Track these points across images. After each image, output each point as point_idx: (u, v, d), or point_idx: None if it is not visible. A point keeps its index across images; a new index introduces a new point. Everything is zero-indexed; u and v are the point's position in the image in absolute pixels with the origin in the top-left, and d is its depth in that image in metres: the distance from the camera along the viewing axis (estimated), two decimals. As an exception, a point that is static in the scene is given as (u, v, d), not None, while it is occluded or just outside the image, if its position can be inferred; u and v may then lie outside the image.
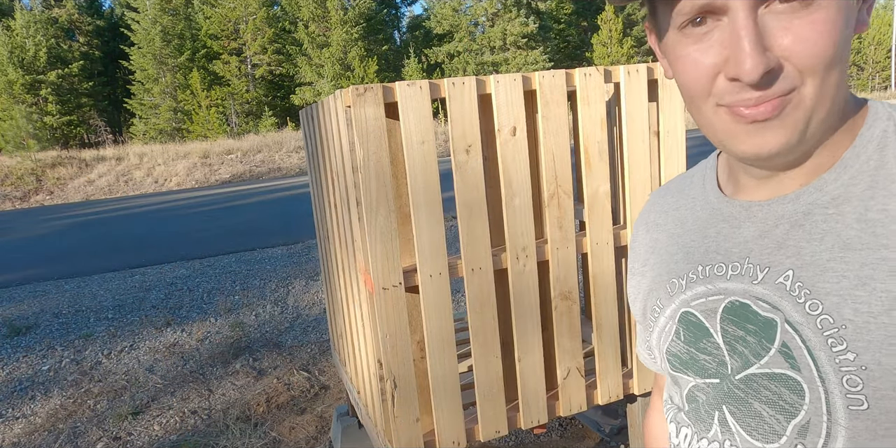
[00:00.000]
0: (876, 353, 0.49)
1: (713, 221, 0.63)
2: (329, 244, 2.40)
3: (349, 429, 2.62)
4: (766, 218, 0.58)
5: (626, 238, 1.99)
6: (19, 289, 5.99)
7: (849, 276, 0.51)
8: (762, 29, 0.48)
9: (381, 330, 1.69)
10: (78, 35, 31.75)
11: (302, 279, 5.49)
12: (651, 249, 0.72)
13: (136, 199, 14.29)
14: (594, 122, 1.86)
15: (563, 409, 1.96)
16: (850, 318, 0.50)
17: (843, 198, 0.53)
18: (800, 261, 0.54)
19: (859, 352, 0.49)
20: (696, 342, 0.62)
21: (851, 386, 0.50)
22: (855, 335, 0.50)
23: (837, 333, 0.51)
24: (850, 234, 0.52)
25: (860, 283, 0.50)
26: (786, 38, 0.48)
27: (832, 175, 0.54)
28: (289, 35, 28.81)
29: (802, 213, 0.55)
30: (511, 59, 28.87)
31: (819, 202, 0.54)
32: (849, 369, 0.50)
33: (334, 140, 1.90)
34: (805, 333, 0.53)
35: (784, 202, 0.56)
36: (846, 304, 0.50)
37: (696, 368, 0.63)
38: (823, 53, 0.48)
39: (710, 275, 0.61)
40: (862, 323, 0.49)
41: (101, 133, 28.68)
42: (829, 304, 0.51)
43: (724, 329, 0.59)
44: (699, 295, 0.62)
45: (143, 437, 2.99)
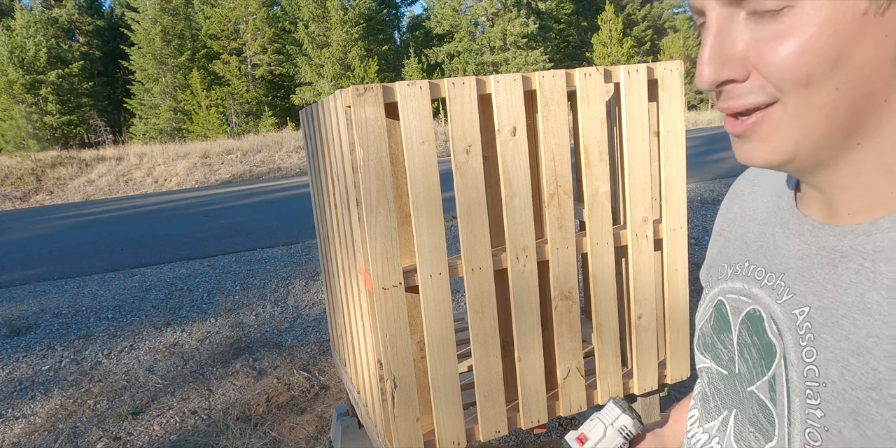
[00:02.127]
0: (840, 422, 0.47)
1: (772, 223, 0.59)
2: (329, 244, 2.40)
3: (349, 429, 2.62)
4: (811, 241, 0.53)
5: (625, 238, 1.99)
6: (19, 289, 5.99)
7: (851, 339, 0.47)
8: (737, 35, 0.45)
9: (381, 330, 1.69)
10: (78, 35, 31.75)
11: (302, 279, 5.49)
12: (727, 221, 0.69)
13: (136, 199, 14.29)
14: (594, 122, 1.86)
15: (563, 409, 1.96)
16: (833, 379, 0.48)
17: (885, 254, 0.46)
18: (819, 302, 0.50)
19: (828, 413, 0.48)
20: (719, 333, 0.62)
21: (812, 439, 0.49)
22: (831, 396, 0.48)
23: (816, 388, 0.49)
24: (873, 299, 0.46)
25: (857, 351, 0.47)
26: (753, 47, 0.44)
27: (888, 223, 0.47)
28: (289, 35, 28.82)
29: (841, 254, 0.50)
30: (511, 59, 28.87)
31: (861, 249, 0.48)
32: (813, 424, 0.49)
33: (334, 140, 1.90)
34: (791, 375, 0.51)
35: (831, 234, 0.51)
36: (836, 365, 0.48)
37: (714, 355, 0.63)
38: (790, 74, 0.43)
39: (750, 275, 0.59)
40: (840, 388, 0.47)
41: (101, 133, 28.68)
42: (822, 359, 0.49)
43: (741, 331, 0.59)
44: (735, 290, 0.61)
45: (143, 437, 2.99)
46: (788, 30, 0.42)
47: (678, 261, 2.08)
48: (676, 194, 2.03)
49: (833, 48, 0.42)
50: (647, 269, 2.01)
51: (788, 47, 0.42)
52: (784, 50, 0.43)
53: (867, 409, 0.45)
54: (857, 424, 0.45)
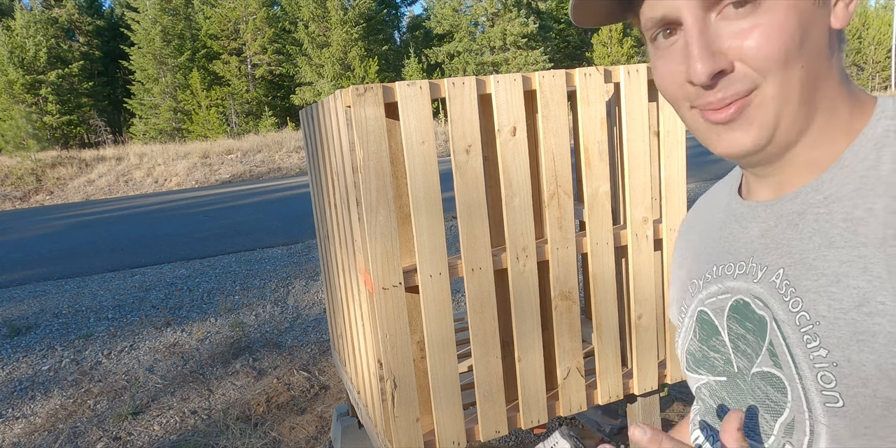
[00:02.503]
0: (845, 350, 0.49)
1: (728, 222, 0.64)
2: (329, 244, 2.40)
3: (349, 429, 2.62)
4: (768, 218, 0.59)
5: (625, 238, 1.99)
6: (19, 289, 5.99)
7: (827, 273, 0.52)
8: (716, 33, 0.51)
9: (381, 330, 1.69)
10: (78, 35, 31.74)
11: (302, 279, 5.49)
12: (686, 252, 0.73)
13: (136, 199, 14.29)
14: (594, 122, 1.86)
15: (563, 409, 1.96)
16: (823, 314, 0.51)
17: (834, 197, 0.53)
18: (790, 259, 0.55)
19: (830, 348, 0.50)
20: (708, 340, 0.64)
21: (825, 383, 0.51)
22: (827, 331, 0.50)
23: (812, 330, 0.52)
24: (835, 233, 0.52)
25: (835, 279, 0.51)
26: (735, 41, 0.51)
27: (829, 174, 0.54)
28: (289, 35, 28.81)
29: (797, 212, 0.56)
30: (511, 59, 28.87)
31: (813, 202, 0.55)
32: (822, 366, 0.51)
33: (334, 140, 1.90)
34: (786, 331, 0.54)
35: (784, 202, 0.57)
36: (822, 300, 0.51)
37: (708, 366, 0.64)
38: (774, 54, 0.50)
39: (721, 274, 0.63)
40: (833, 319, 0.50)
41: (101, 133, 28.67)
42: (808, 301, 0.52)
43: (730, 327, 0.61)
44: (712, 294, 0.64)
45: (143, 437, 2.99)
46: (762, 19, 0.49)
47: (678, 261, 2.08)
48: (676, 194, 2.03)
49: (800, 29, 0.50)
50: (647, 269, 2.01)
51: (768, 32, 0.49)
52: (765, 35, 0.49)
53: (864, 326, 0.48)
54: (862, 344, 0.48)
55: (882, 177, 0.51)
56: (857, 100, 0.56)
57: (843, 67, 0.55)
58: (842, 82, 0.55)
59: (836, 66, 0.54)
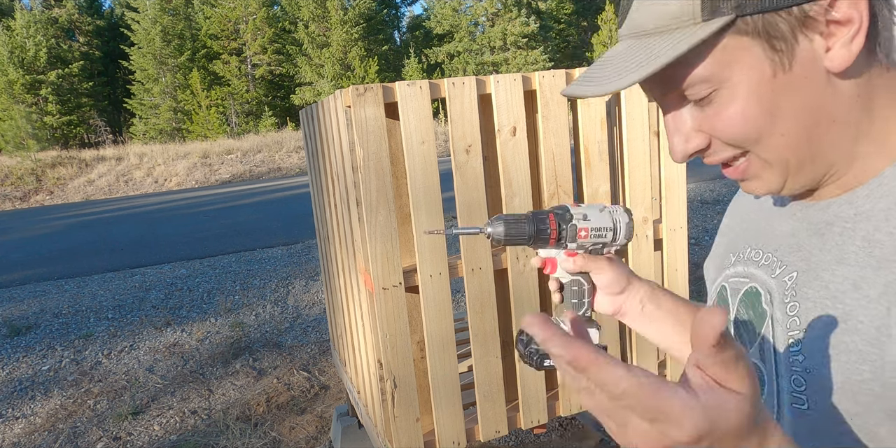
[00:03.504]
0: (819, 360, 0.52)
1: (772, 210, 0.66)
2: (329, 244, 2.40)
3: (349, 429, 2.62)
4: (800, 218, 0.60)
5: (626, 238, 1.98)
6: (19, 289, 5.99)
7: (830, 287, 0.53)
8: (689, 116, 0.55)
9: (381, 330, 1.69)
10: (78, 35, 31.75)
11: (302, 279, 5.49)
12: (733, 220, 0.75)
13: (136, 199, 14.29)
14: (594, 122, 1.86)
15: (563, 409, 1.96)
16: (811, 324, 0.53)
17: (864, 215, 0.54)
18: (805, 266, 0.57)
19: (807, 355, 0.53)
20: None
21: (797, 385, 0.54)
22: (810, 340, 0.53)
23: (797, 336, 0.55)
24: (851, 250, 0.53)
25: (833, 295, 0.52)
26: (705, 125, 0.54)
27: (865, 190, 0.54)
28: (289, 35, 28.81)
29: (826, 222, 0.56)
30: (511, 59, 28.87)
31: (843, 215, 0.55)
32: (797, 370, 0.54)
33: (334, 140, 1.90)
34: (777, 330, 0.57)
35: (817, 208, 0.58)
36: (815, 311, 0.54)
37: None
38: (741, 137, 0.53)
39: (748, 258, 0.66)
40: (818, 329, 0.53)
41: (101, 133, 28.67)
42: (803, 309, 0.55)
43: (738, 309, 0.64)
44: (736, 274, 0.67)
45: (143, 437, 2.99)
46: (726, 105, 0.52)
47: (678, 261, 2.08)
48: (676, 194, 2.03)
49: (763, 109, 0.51)
50: (647, 269, 2.01)
51: (733, 117, 0.52)
52: (730, 120, 0.52)
53: (839, 341, 0.50)
54: (835, 356, 0.50)
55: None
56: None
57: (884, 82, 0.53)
58: (874, 103, 0.53)
59: (861, 95, 0.52)
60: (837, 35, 0.49)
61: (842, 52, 0.50)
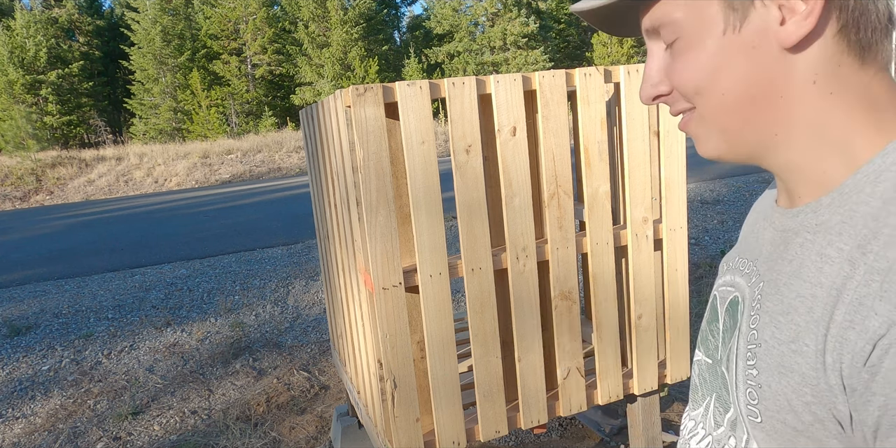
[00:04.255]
0: (769, 376, 0.53)
1: (760, 218, 0.67)
2: (329, 244, 2.40)
3: (349, 429, 2.62)
4: (776, 226, 0.60)
5: (625, 238, 1.99)
6: (19, 289, 5.99)
7: (785, 301, 0.53)
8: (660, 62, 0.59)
9: (381, 330, 1.69)
10: (78, 35, 31.74)
11: (302, 279, 5.49)
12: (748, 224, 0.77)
13: (136, 199, 14.29)
14: (594, 122, 1.86)
15: (563, 409, 1.96)
16: (765, 338, 0.54)
17: (822, 227, 0.53)
18: (770, 276, 0.57)
19: (761, 370, 0.54)
20: (710, 324, 0.69)
21: (751, 398, 0.55)
22: (763, 354, 0.54)
23: (754, 349, 0.55)
24: (807, 264, 0.53)
25: (786, 311, 0.53)
26: (667, 70, 0.58)
27: (828, 199, 0.53)
28: (289, 35, 28.80)
29: (793, 231, 0.57)
30: (511, 59, 28.86)
31: (806, 225, 0.55)
32: (751, 383, 0.55)
33: (334, 140, 1.90)
34: (740, 342, 0.58)
35: (788, 216, 0.58)
36: (769, 325, 0.54)
37: (705, 346, 0.69)
38: (683, 86, 0.56)
39: (736, 266, 0.66)
40: (770, 346, 0.53)
41: (101, 133, 28.66)
42: (762, 323, 0.55)
43: (725, 319, 0.65)
44: (726, 282, 0.68)
45: (143, 437, 2.99)
46: (680, 53, 0.55)
47: (678, 261, 2.08)
48: (676, 194, 2.03)
49: (709, 63, 0.54)
50: (647, 269, 2.01)
51: (682, 66, 0.55)
52: (680, 68, 0.56)
53: (788, 360, 0.51)
54: (782, 376, 0.52)
55: (864, 218, 0.49)
56: (879, 122, 0.52)
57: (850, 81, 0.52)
58: (835, 97, 0.52)
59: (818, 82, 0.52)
60: (794, 11, 0.50)
61: (791, 28, 0.50)
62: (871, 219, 0.48)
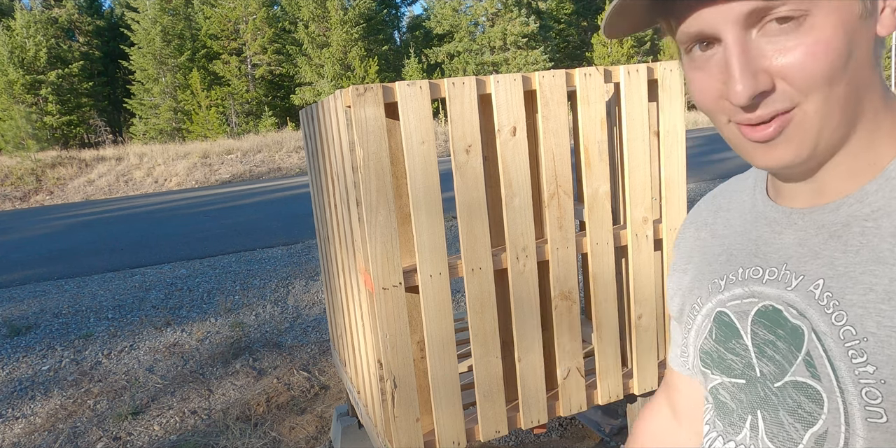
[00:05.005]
0: (893, 368, 0.49)
1: (757, 225, 0.63)
2: (329, 244, 2.40)
3: (349, 429, 2.62)
4: (806, 226, 0.57)
5: (625, 238, 1.99)
6: (19, 289, 5.99)
7: (877, 289, 0.50)
8: (757, 51, 0.50)
9: (381, 330, 1.69)
10: (78, 35, 31.73)
11: (302, 279, 5.49)
12: (696, 248, 0.72)
13: (136, 199, 14.29)
14: (594, 122, 1.86)
15: (563, 409, 1.96)
16: (872, 331, 0.50)
17: (883, 211, 0.52)
18: (832, 271, 0.54)
19: (879, 365, 0.50)
20: (726, 342, 0.64)
21: (871, 398, 0.50)
22: (876, 348, 0.50)
23: (858, 345, 0.51)
24: (884, 248, 0.51)
25: (887, 297, 0.50)
26: (778, 59, 0.49)
27: (874, 186, 0.53)
28: (289, 35, 28.80)
29: (841, 223, 0.54)
30: (511, 59, 28.86)
31: (859, 214, 0.53)
32: (868, 382, 0.50)
33: (334, 140, 1.90)
34: (827, 343, 0.53)
35: (825, 212, 0.56)
36: (870, 316, 0.50)
37: (723, 367, 0.64)
38: (818, 74, 0.48)
39: (748, 277, 0.62)
40: (884, 336, 0.49)
41: (101, 133, 28.66)
42: (854, 316, 0.51)
43: (755, 331, 0.60)
44: (735, 296, 0.63)
45: (143, 437, 2.99)
46: (808, 37, 0.48)
47: (678, 261, 2.07)
48: (676, 194, 2.03)
49: (846, 46, 0.48)
50: (647, 269, 2.01)
51: (814, 51, 0.48)
52: (810, 54, 0.48)
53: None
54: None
55: None
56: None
57: (881, 74, 0.53)
58: (883, 90, 0.54)
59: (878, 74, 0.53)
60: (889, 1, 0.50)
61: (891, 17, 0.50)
62: None
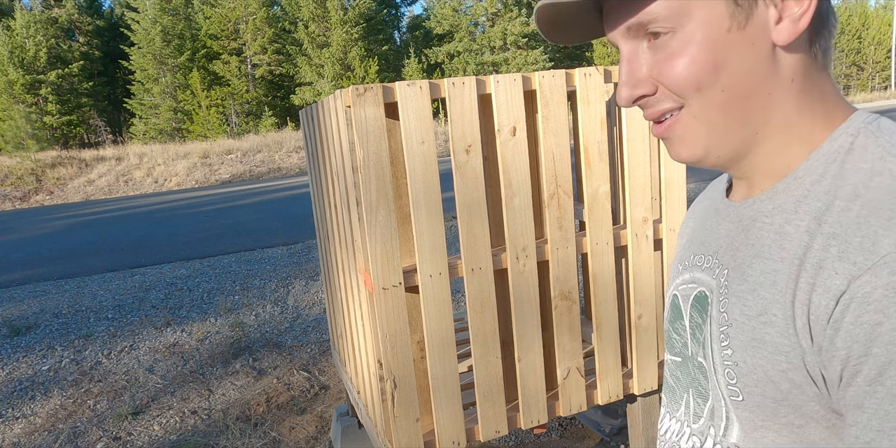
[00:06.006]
0: (743, 353, 0.55)
1: (711, 215, 0.69)
2: (329, 244, 2.40)
3: (349, 429, 2.62)
4: (734, 219, 0.63)
5: (625, 238, 1.99)
6: (19, 289, 5.99)
7: (749, 280, 0.56)
8: (643, 60, 0.57)
9: (381, 330, 1.69)
10: (78, 35, 31.73)
11: (302, 279, 5.49)
12: (680, 242, 0.79)
13: (136, 199, 14.29)
14: (594, 122, 1.86)
15: (563, 409, 1.96)
16: (736, 317, 0.57)
17: (780, 208, 0.56)
18: (734, 262, 0.60)
19: (735, 348, 0.56)
20: (674, 322, 0.70)
21: (730, 378, 0.57)
22: (735, 333, 0.56)
23: (726, 330, 0.58)
24: (766, 243, 0.56)
25: (753, 288, 0.55)
26: (653, 68, 0.57)
27: (783, 185, 0.57)
28: (289, 35, 28.80)
29: (751, 218, 0.60)
30: (511, 59, 28.86)
31: (763, 210, 0.58)
32: (728, 363, 0.57)
33: (334, 140, 1.90)
34: (713, 327, 0.60)
35: (744, 206, 0.61)
36: (738, 305, 0.57)
37: (670, 345, 0.71)
38: (684, 82, 0.55)
39: (694, 264, 0.68)
40: (742, 323, 0.56)
41: (100, 133, 28.66)
42: (731, 304, 0.58)
43: (692, 315, 0.66)
44: (685, 281, 0.69)
45: (143, 437, 2.99)
46: (678, 49, 0.54)
47: (678, 261, 2.08)
48: (676, 194, 2.03)
49: (712, 58, 0.54)
50: (647, 269, 2.01)
51: (681, 62, 0.54)
52: (678, 65, 0.54)
53: (759, 333, 0.54)
54: (756, 349, 0.54)
55: (818, 194, 0.53)
56: (827, 112, 0.57)
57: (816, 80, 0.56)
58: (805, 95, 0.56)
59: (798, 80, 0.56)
60: (789, 9, 0.53)
61: (789, 26, 0.53)
62: (823, 194, 0.53)
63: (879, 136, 0.54)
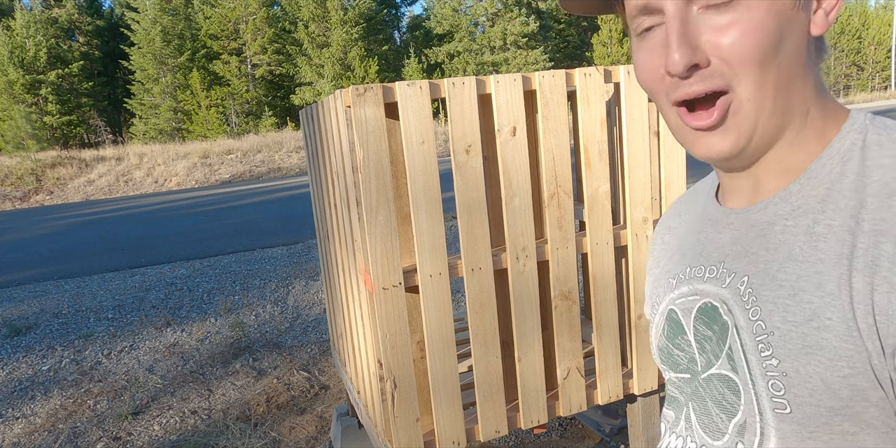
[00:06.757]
0: (794, 361, 0.52)
1: (704, 226, 0.66)
2: (329, 244, 2.40)
3: (349, 429, 2.62)
4: (739, 225, 0.60)
5: (626, 238, 1.99)
6: (19, 289, 5.99)
7: (786, 285, 0.53)
8: (695, 28, 0.52)
9: (381, 330, 1.69)
10: (78, 35, 31.73)
11: (302, 279, 5.49)
12: (662, 251, 0.75)
13: (136, 199, 14.29)
14: (594, 122, 1.86)
15: (563, 409, 1.96)
16: (777, 325, 0.53)
17: (801, 209, 0.55)
18: (755, 268, 0.57)
19: (781, 358, 0.53)
20: (674, 338, 0.67)
21: (776, 390, 0.54)
22: (779, 342, 0.53)
23: (766, 339, 0.54)
24: (797, 246, 0.54)
25: (792, 293, 0.53)
26: (713, 35, 0.51)
27: (797, 186, 0.56)
28: (289, 35, 28.80)
29: (767, 222, 0.57)
30: (511, 59, 28.86)
31: (781, 213, 0.56)
32: (773, 374, 0.53)
33: (334, 140, 1.90)
34: (744, 337, 0.56)
35: (755, 211, 0.59)
36: (777, 311, 0.53)
37: (671, 363, 0.68)
38: (750, 52, 0.51)
39: (692, 276, 0.65)
40: (786, 331, 0.52)
41: (100, 133, 28.67)
42: (765, 311, 0.54)
43: (696, 328, 0.63)
44: (683, 294, 0.66)
45: (143, 437, 2.99)
46: (742, 16, 0.50)
47: (678, 261, 2.07)
48: (676, 194, 2.03)
49: (777, 30, 0.51)
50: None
51: (746, 29, 0.50)
52: (742, 32, 0.50)
53: (813, 340, 0.50)
54: (810, 356, 0.50)
55: (844, 192, 0.52)
56: (831, 110, 0.57)
57: (821, 77, 0.56)
58: (817, 90, 0.56)
59: (813, 74, 0.55)
60: (826, 2, 0.53)
61: (824, 19, 0.53)
62: (850, 192, 0.51)
63: (891, 131, 0.54)
